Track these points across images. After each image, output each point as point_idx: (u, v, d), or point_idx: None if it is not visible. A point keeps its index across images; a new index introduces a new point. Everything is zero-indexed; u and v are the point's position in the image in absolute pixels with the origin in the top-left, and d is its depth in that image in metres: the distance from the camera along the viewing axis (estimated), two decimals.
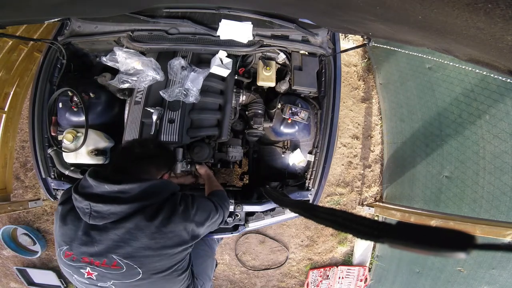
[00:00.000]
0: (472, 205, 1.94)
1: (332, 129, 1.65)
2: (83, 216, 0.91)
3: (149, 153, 1.11)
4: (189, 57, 1.58)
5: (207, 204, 1.15)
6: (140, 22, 1.62)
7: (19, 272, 2.85)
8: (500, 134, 1.77)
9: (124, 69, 1.49)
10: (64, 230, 0.95)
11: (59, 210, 1.00)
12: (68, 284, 2.93)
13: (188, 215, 1.02)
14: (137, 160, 1.06)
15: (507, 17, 0.51)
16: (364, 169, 2.99)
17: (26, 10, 1.18)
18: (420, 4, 0.67)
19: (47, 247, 2.88)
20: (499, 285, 1.81)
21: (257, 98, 1.72)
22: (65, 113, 1.60)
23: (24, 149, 2.86)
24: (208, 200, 1.18)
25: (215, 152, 1.61)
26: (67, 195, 1.01)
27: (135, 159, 1.06)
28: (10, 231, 2.80)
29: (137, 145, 1.12)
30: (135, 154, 1.08)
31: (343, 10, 1.08)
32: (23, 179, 2.86)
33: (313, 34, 1.68)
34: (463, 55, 0.93)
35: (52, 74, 1.66)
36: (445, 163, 2.20)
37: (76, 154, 1.54)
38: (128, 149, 1.11)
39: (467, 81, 1.95)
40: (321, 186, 1.64)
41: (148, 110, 1.42)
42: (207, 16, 1.64)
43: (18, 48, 2.14)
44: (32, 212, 2.84)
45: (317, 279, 2.93)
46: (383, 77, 2.93)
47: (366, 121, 3.03)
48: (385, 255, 2.86)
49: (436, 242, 0.36)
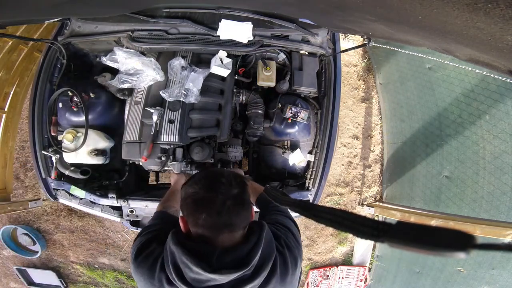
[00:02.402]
0: (472, 205, 1.94)
1: (332, 129, 1.65)
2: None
3: (242, 189, 0.78)
4: (189, 57, 1.58)
5: (294, 224, 1.00)
6: (140, 22, 1.62)
7: (19, 272, 2.85)
8: (500, 134, 1.77)
9: (124, 69, 1.49)
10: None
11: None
12: (68, 284, 2.93)
13: (298, 246, 0.92)
14: (238, 209, 0.74)
15: (507, 17, 0.51)
16: (364, 169, 2.99)
17: (26, 10, 1.18)
18: (420, 4, 0.67)
19: (47, 247, 2.88)
20: (499, 285, 1.81)
21: (257, 98, 1.72)
22: (65, 113, 1.60)
23: (24, 149, 2.86)
24: (285, 217, 1.01)
25: (215, 152, 1.61)
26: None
27: (235, 208, 0.73)
28: (10, 231, 2.80)
29: (227, 186, 0.75)
30: (233, 200, 0.73)
31: (343, 10, 1.08)
32: (23, 179, 2.86)
33: (313, 34, 1.68)
34: (463, 55, 0.93)
35: (52, 74, 1.66)
36: (445, 163, 2.20)
37: (76, 154, 1.54)
38: (216, 197, 0.72)
39: (467, 81, 1.95)
40: (321, 186, 1.64)
41: (148, 110, 1.42)
42: (207, 16, 1.64)
43: (18, 48, 2.14)
44: (32, 212, 2.84)
45: (317, 279, 2.93)
46: (383, 77, 2.93)
47: (366, 121, 3.03)
48: (385, 255, 2.86)
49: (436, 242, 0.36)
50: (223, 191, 0.73)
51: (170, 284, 0.75)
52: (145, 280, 0.79)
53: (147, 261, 0.81)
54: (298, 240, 0.95)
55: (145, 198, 1.62)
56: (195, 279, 0.69)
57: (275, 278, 0.77)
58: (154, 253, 0.81)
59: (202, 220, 0.71)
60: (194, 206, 0.74)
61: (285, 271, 0.81)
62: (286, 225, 0.96)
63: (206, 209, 0.71)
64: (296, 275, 0.86)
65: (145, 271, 0.80)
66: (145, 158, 1.39)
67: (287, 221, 0.99)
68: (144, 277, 0.80)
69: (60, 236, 2.88)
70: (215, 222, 0.72)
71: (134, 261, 0.83)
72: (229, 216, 0.72)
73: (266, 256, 0.76)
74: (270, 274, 0.76)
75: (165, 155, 1.43)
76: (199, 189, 0.74)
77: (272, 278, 0.77)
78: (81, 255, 2.91)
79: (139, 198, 1.62)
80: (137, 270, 0.81)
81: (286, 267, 0.82)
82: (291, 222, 1.01)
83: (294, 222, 1.02)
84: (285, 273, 0.82)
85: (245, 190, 0.78)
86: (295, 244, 0.90)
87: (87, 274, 2.92)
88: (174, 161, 1.44)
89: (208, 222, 0.71)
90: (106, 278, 2.93)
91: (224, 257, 0.70)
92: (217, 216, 0.71)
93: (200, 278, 0.69)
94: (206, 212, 0.71)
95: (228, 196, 0.73)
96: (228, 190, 0.74)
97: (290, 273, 0.82)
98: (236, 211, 0.73)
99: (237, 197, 0.74)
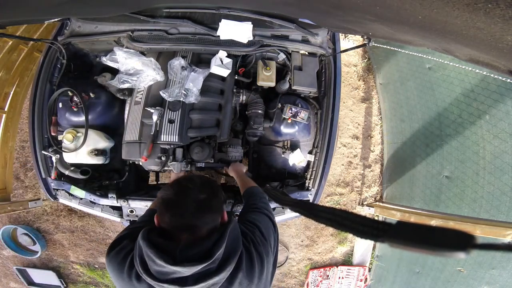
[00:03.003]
0: (472, 205, 1.94)
1: (332, 129, 1.65)
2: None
3: (210, 196, 0.84)
4: (189, 57, 1.58)
5: (265, 220, 1.03)
6: (140, 22, 1.62)
7: (19, 272, 2.85)
8: (500, 134, 1.77)
9: (124, 69, 1.49)
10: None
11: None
12: (68, 284, 2.93)
13: (264, 243, 0.94)
14: (201, 212, 0.80)
15: (507, 17, 0.51)
16: (364, 169, 2.99)
17: (26, 10, 1.18)
18: (420, 4, 0.67)
19: (47, 247, 2.88)
20: (499, 285, 1.81)
21: (257, 98, 1.72)
22: (65, 113, 1.60)
23: (24, 149, 2.86)
24: (260, 213, 1.06)
25: (215, 152, 1.61)
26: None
27: (199, 212, 0.79)
28: (10, 231, 2.80)
29: (194, 192, 0.82)
30: (198, 204, 0.80)
31: (343, 10, 1.08)
32: (23, 179, 2.86)
33: (313, 34, 1.68)
34: (463, 55, 0.93)
35: (52, 74, 1.66)
36: (445, 163, 2.20)
37: (76, 154, 1.54)
38: (182, 201, 0.80)
39: (467, 81, 1.95)
40: (321, 186, 1.64)
41: (148, 110, 1.42)
42: (207, 16, 1.64)
43: (18, 48, 2.15)
44: (32, 212, 2.84)
45: (317, 279, 2.93)
46: (383, 77, 2.93)
47: (366, 121, 3.03)
48: (385, 255, 2.86)
49: (436, 242, 0.36)
50: (190, 195, 0.80)
51: (138, 279, 0.79)
52: (116, 274, 0.84)
53: (118, 256, 0.86)
54: (266, 237, 0.97)
55: (145, 198, 1.62)
56: (159, 271, 0.74)
57: (241, 273, 0.81)
58: (125, 249, 0.87)
59: (167, 219, 0.79)
60: (162, 207, 0.81)
61: (251, 267, 0.85)
62: (254, 222, 1.00)
63: (171, 210, 0.79)
64: (264, 271, 0.88)
65: (115, 265, 0.85)
66: (145, 158, 1.39)
67: (259, 217, 1.03)
68: (114, 271, 0.85)
69: (60, 236, 2.88)
70: (178, 222, 0.79)
71: (107, 256, 0.89)
72: (191, 219, 0.78)
73: (231, 251, 0.80)
74: (236, 269, 0.81)
75: (165, 155, 1.43)
76: (170, 193, 0.82)
77: (238, 273, 0.81)
78: (81, 255, 2.91)
79: (139, 198, 1.62)
80: (109, 264, 0.87)
81: (252, 263, 0.86)
82: (265, 218, 1.04)
83: (270, 218, 1.06)
84: (251, 269, 0.85)
85: (214, 196, 0.84)
86: (261, 241, 0.93)
87: (87, 274, 2.92)
88: (174, 161, 1.44)
89: (172, 221, 0.79)
90: (106, 278, 2.92)
91: (187, 251, 0.75)
92: (180, 217, 0.78)
93: (163, 270, 0.74)
94: (171, 212, 0.79)
95: (193, 200, 0.80)
96: (195, 195, 0.81)
97: (256, 269, 0.85)
98: (199, 215, 0.79)
99: (202, 202, 0.80)
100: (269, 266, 0.92)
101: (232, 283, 0.81)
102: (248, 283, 0.83)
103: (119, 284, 0.85)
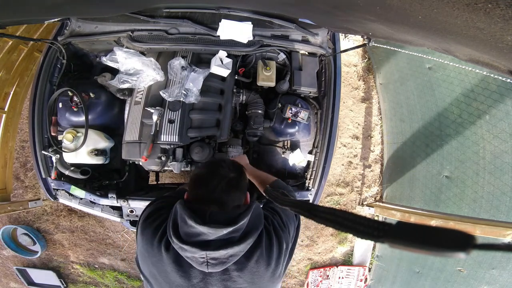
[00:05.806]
0: (472, 205, 1.94)
1: (332, 129, 1.65)
2: (198, 265, 0.80)
3: (239, 175, 0.92)
4: (189, 57, 1.58)
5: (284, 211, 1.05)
6: (140, 22, 1.62)
7: (19, 272, 2.85)
8: (500, 134, 1.77)
9: (124, 69, 1.49)
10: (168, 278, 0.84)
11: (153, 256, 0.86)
12: (68, 284, 2.93)
13: (284, 229, 0.96)
14: (230, 189, 0.87)
15: (507, 17, 0.51)
16: (364, 169, 2.99)
17: (26, 10, 1.18)
18: (420, 4, 0.67)
19: (47, 247, 2.88)
20: (499, 285, 1.81)
21: (257, 98, 1.72)
22: (65, 113, 1.60)
23: (24, 149, 2.86)
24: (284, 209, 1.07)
25: (215, 152, 1.61)
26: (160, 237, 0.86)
27: (228, 188, 0.87)
28: (10, 231, 2.80)
29: (225, 170, 0.90)
30: (227, 182, 0.87)
31: (343, 10, 1.08)
32: (23, 179, 2.86)
33: (313, 34, 1.68)
34: (463, 55, 0.93)
35: (52, 74, 1.66)
36: (445, 163, 2.20)
37: (76, 154, 1.54)
38: (214, 177, 0.88)
39: (467, 81, 1.95)
40: (321, 186, 1.64)
41: (148, 110, 1.42)
42: (207, 16, 1.64)
43: (18, 48, 2.15)
44: (32, 212, 2.84)
45: (317, 279, 2.93)
46: (383, 77, 2.93)
47: (366, 121, 3.03)
48: (385, 255, 2.86)
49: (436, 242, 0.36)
50: (221, 173, 0.88)
51: (167, 249, 0.83)
52: (147, 242, 0.87)
53: (152, 225, 0.89)
54: (286, 223, 0.99)
55: (145, 198, 1.62)
56: (187, 232, 0.78)
57: (259, 251, 0.85)
58: (161, 217, 0.91)
59: (199, 192, 0.87)
60: (196, 181, 0.90)
61: (269, 247, 0.88)
62: (275, 209, 1.03)
63: (203, 184, 0.87)
64: (282, 256, 0.90)
65: (149, 231, 0.88)
66: (145, 158, 1.39)
67: (282, 210, 1.04)
68: (146, 239, 0.88)
69: (60, 236, 2.88)
70: (209, 197, 0.86)
71: (143, 222, 0.92)
72: (221, 194, 0.86)
73: (253, 226, 0.84)
74: (255, 244, 0.84)
75: (165, 155, 1.43)
76: (203, 169, 0.91)
77: (257, 250, 0.84)
78: (81, 255, 2.91)
79: (139, 198, 1.62)
80: (143, 230, 0.90)
81: (271, 244, 0.88)
82: (289, 212, 1.05)
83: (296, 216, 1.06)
84: (270, 250, 0.87)
85: (242, 176, 0.93)
86: (280, 226, 0.96)
87: (87, 274, 2.92)
88: (174, 161, 1.44)
89: (203, 194, 0.86)
90: (106, 278, 2.92)
91: (216, 215, 0.82)
92: (212, 192, 0.85)
93: (191, 231, 0.78)
94: (203, 186, 0.87)
95: (224, 177, 0.87)
96: (226, 173, 0.88)
97: (275, 251, 0.88)
98: (228, 191, 0.87)
99: (232, 180, 0.88)
100: (286, 252, 0.94)
101: (250, 259, 0.83)
102: (265, 264, 0.85)
103: (144, 253, 0.88)
